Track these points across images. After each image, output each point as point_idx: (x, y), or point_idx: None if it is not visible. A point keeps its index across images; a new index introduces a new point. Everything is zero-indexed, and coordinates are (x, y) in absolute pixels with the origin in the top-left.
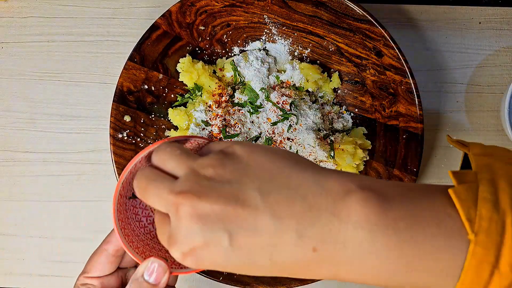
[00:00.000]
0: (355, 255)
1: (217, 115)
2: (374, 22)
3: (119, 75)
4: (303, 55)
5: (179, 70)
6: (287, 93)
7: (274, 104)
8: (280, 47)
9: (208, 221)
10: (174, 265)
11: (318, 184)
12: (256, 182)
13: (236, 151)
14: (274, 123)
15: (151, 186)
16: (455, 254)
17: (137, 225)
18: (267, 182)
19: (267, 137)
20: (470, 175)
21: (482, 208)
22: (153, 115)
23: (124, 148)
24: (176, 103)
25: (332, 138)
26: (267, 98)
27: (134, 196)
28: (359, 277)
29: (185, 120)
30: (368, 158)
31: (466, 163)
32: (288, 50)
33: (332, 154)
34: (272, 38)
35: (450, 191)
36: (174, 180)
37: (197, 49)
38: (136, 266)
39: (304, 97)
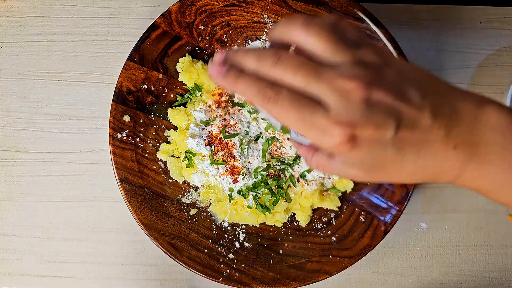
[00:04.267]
0: (487, 156)
1: (217, 115)
2: (374, 21)
3: (118, 75)
4: None
5: (179, 70)
6: None
7: None
8: None
9: (379, 108)
10: None
11: (459, 92)
12: (415, 83)
13: (387, 56)
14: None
15: (307, 69)
16: None
17: None
18: (422, 85)
19: (267, 137)
20: None
21: None
22: (152, 115)
23: (123, 148)
24: (176, 103)
25: None
26: None
27: None
28: (480, 181)
29: (184, 120)
30: None
31: None
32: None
33: None
34: None
35: None
36: (331, 66)
37: (197, 48)
38: None
39: None
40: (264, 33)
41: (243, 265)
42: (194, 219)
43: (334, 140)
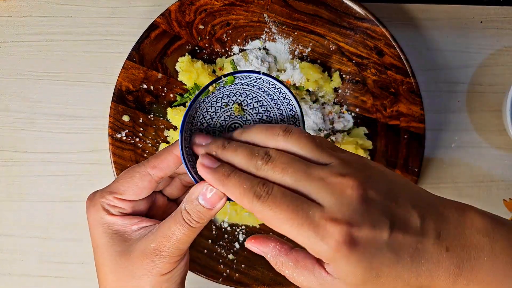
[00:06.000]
0: (477, 260)
1: None
2: (375, 21)
3: (118, 75)
4: (304, 54)
5: (179, 70)
6: None
7: None
8: (280, 46)
9: (374, 206)
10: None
11: (439, 198)
12: (397, 186)
13: (365, 158)
14: None
15: (296, 167)
16: None
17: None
18: (404, 188)
19: None
20: None
21: None
22: (152, 115)
23: (123, 148)
24: (175, 103)
25: (333, 138)
26: None
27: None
28: (476, 283)
29: None
30: (369, 158)
31: None
32: (288, 49)
33: None
34: (272, 37)
35: None
36: (319, 165)
37: (196, 48)
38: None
39: (304, 96)
40: (264, 32)
41: (243, 265)
42: None
43: (332, 241)
